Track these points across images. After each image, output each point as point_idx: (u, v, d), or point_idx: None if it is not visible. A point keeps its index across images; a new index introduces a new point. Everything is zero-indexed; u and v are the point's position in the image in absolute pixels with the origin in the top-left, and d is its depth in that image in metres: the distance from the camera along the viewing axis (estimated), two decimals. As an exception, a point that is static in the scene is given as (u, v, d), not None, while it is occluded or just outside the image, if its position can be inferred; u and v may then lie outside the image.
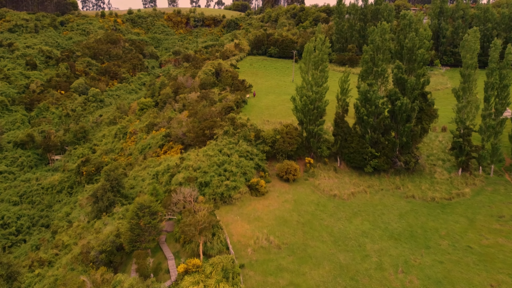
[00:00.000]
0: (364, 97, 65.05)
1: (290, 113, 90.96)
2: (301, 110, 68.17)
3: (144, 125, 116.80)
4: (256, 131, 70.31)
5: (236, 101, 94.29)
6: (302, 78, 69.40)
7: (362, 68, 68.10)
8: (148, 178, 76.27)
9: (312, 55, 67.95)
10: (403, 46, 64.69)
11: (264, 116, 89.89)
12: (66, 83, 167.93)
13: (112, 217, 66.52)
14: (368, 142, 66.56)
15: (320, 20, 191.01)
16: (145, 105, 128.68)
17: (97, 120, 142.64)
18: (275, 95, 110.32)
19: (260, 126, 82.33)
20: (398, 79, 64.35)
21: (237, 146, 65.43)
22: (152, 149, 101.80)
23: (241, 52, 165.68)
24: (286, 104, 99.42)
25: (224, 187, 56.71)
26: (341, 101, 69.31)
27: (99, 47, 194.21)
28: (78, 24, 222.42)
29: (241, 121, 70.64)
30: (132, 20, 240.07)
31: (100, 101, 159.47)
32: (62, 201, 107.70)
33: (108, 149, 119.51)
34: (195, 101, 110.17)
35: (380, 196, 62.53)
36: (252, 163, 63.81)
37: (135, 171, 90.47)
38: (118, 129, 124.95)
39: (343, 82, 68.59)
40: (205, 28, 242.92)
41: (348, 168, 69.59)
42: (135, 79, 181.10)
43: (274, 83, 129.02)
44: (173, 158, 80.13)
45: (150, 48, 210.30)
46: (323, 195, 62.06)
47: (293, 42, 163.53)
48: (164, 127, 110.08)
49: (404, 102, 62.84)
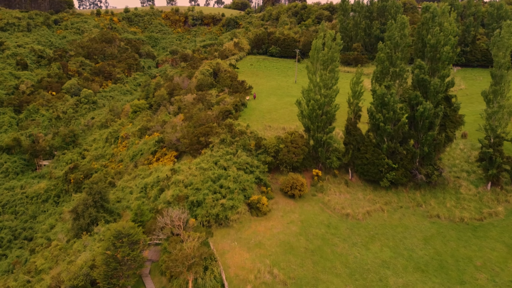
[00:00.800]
0: (381, 102, 56.46)
1: (294, 117, 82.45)
2: (308, 116, 59.61)
3: (136, 129, 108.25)
4: (257, 140, 61.75)
5: (235, 104, 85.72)
6: (309, 80, 60.83)
7: (377, 68, 59.50)
8: (136, 191, 67.72)
9: (321, 53, 59.34)
10: (426, 43, 56.08)
11: (266, 120, 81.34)
12: (58, 84, 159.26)
13: (93, 237, 58.09)
14: (385, 152, 58.00)
15: (323, 18, 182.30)
16: (139, 108, 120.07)
17: (88, 123, 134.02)
18: (277, 97, 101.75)
19: (261, 133, 73.79)
20: (420, 80, 55.75)
21: (235, 157, 56.83)
22: (144, 156, 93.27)
23: (240, 52, 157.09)
24: (289, 107, 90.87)
25: (220, 206, 48.12)
26: (353, 106, 60.74)
27: (93, 46, 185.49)
28: (72, 22, 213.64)
29: (239, 128, 62.05)
30: (129, 19, 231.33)
31: (93, 103, 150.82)
32: (47, 211, 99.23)
33: (99, 154, 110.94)
34: (191, 103, 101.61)
35: (400, 215, 53.95)
36: (252, 176, 55.23)
37: (124, 180, 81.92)
38: (109, 133, 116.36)
39: (355, 84, 59.99)
40: (204, 27, 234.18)
41: (361, 181, 61.01)
42: (130, 80, 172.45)
43: (275, 84, 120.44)
44: (164, 169, 71.61)
45: (147, 47, 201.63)
46: (334, 214, 53.46)
47: (295, 41, 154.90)
48: (158, 131, 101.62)
49: (427, 107, 54.26)
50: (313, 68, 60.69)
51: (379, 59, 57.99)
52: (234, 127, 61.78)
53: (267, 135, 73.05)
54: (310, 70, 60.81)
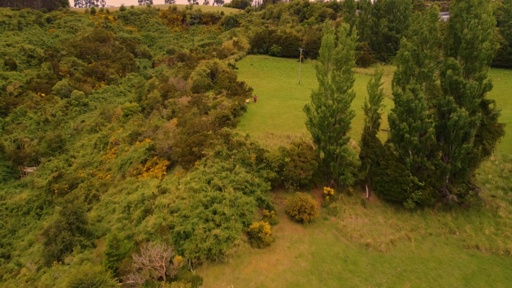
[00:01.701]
0: (407, 108, 46.99)
1: (299, 123, 73.05)
2: (318, 125, 50.12)
3: (127, 135, 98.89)
4: (258, 152, 52.31)
5: (233, 108, 76.29)
6: (319, 82, 51.35)
7: (398, 68, 50.04)
8: (119, 210, 58.29)
9: (334, 51, 49.87)
10: (460, 38, 46.68)
11: (268, 127, 71.93)
12: (48, 85, 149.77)
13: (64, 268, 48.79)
14: (409, 167, 48.59)
15: (326, 16, 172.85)
16: (130, 111, 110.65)
17: (77, 127, 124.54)
18: (280, 100, 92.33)
19: (262, 141, 64.39)
20: (452, 83, 46.30)
21: (233, 174, 47.36)
22: (133, 165, 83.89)
23: (240, 51, 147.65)
24: (293, 111, 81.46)
25: (213, 238, 38.68)
26: (371, 112, 51.34)
27: (86, 45, 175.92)
28: (65, 21, 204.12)
29: (238, 139, 52.46)
30: (125, 17, 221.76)
31: (84, 105, 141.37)
32: (28, 225, 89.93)
33: (86, 162, 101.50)
34: (185, 107, 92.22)
35: (430, 244, 44.53)
36: (253, 198, 45.78)
37: (109, 194, 72.51)
38: (98, 138, 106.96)
39: (374, 86, 50.58)
40: (202, 26, 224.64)
41: (380, 201, 51.58)
42: (124, 80, 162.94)
43: (277, 85, 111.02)
44: (151, 184, 62.21)
45: (143, 46, 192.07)
46: (351, 244, 44.05)
47: (298, 39, 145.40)
48: (150, 137, 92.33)
49: (462, 115, 44.83)
50: (323, 68, 51.24)
51: (402, 57, 48.50)
52: (231, 138, 52.25)
53: (270, 144, 63.68)
54: (320, 71, 51.36)
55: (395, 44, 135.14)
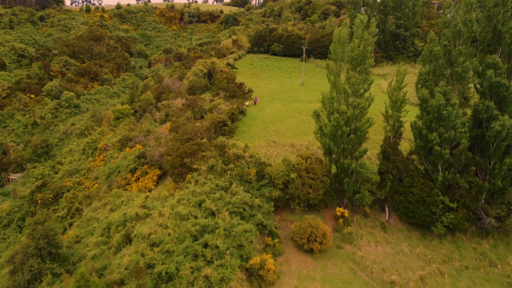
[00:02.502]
0: (437, 116, 38.95)
1: (305, 129, 65.07)
2: (329, 135, 42.05)
3: (117, 140, 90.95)
4: (259, 166, 44.31)
5: (231, 112, 68.26)
6: (330, 84, 43.31)
7: (425, 67, 42.02)
8: (98, 231, 50.30)
9: (348, 47, 41.83)
10: (500, 32, 38.67)
11: (269, 134, 63.88)
12: (38, 86, 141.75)
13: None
14: (439, 186, 40.60)
15: (329, 13, 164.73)
16: (122, 114, 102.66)
17: (66, 131, 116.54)
18: (282, 103, 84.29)
19: (263, 150, 56.45)
20: (493, 85, 38.29)
21: (229, 195, 39.31)
22: (121, 175, 76.02)
23: (239, 50, 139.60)
24: (297, 116, 73.45)
25: (203, 281, 30.65)
26: (392, 120, 43.34)
27: (79, 44, 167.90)
28: (59, 19, 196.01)
29: (235, 151, 44.30)
30: (121, 16, 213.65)
31: (75, 107, 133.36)
32: (8, 239, 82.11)
33: (73, 169, 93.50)
34: (180, 110, 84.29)
35: (468, 281, 36.51)
36: (252, 224, 37.74)
37: (92, 209, 64.51)
38: (86, 143, 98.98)
39: (396, 89, 42.60)
40: (201, 24, 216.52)
41: (402, 224, 43.57)
42: (118, 81, 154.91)
43: (279, 86, 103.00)
44: (137, 201, 54.10)
45: (139, 45, 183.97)
46: (372, 281, 36.05)
47: (300, 37, 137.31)
48: (141, 143, 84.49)
49: (506, 124, 36.83)
50: (336, 68, 43.17)
51: (431, 54, 40.40)
52: (227, 150, 44.13)
53: (272, 154, 55.70)
54: (332, 71, 43.29)
55: (403, 42, 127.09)
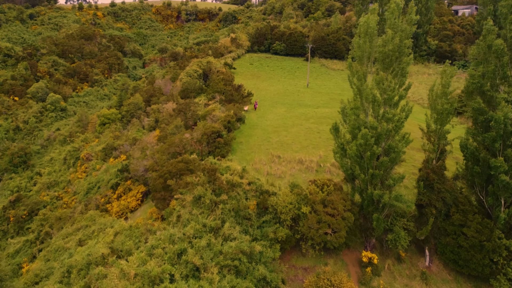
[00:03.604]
0: (502, 132, 28.40)
1: (315, 140, 54.58)
2: (354, 156, 31.40)
3: (100, 149, 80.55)
4: (260, 196, 33.78)
5: (227, 120, 57.74)
6: (353, 90, 32.74)
7: (482, 68, 31.43)
8: (57, 275, 39.76)
9: (380, 40, 31.31)
10: None
11: (272, 146, 53.35)
12: (23, 87, 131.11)
13: None
14: (502, 226, 30.10)
15: (334, 10, 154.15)
16: (108, 119, 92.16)
17: (50, 137, 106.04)
18: (286, 108, 73.80)
19: (265, 168, 46.13)
20: None
21: (219, 239, 28.69)
22: (101, 191, 65.67)
23: (238, 49, 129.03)
24: (303, 123, 62.91)
25: None
26: (436, 136, 32.80)
27: (69, 43, 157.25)
28: (50, 17, 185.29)
29: (229, 178, 33.56)
30: (115, 14, 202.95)
31: (61, 110, 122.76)
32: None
33: (52, 181, 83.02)
34: (170, 116, 73.83)
35: None
36: (251, 280, 27.20)
37: (63, 235, 54.01)
38: (68, 152, 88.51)
39: (441, 96, 32.08)
40: (199, 23, 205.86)
41: (448, 273, 33.00)
42: (110, 82, 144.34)
43: (282, 88, 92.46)
44: (112, 230, 43.60)
45: (132, 45, 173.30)
46: None
47: (303, 35, 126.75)
48: (127, 153, 74.17)
49: None
50: (361, 68, 32.60)
51: (492, 50, 29.84)
52: (219, 175, 33.42)
53: (277, 172, 45.36)
54: (356, 73, 32.71)
55: (415, 40, 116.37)
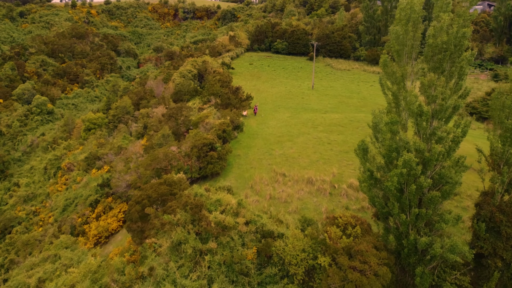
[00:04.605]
0: None
1: (326, 153, 45.69)
2: (393, 190, 22.46)
3: (83, 158, 71.75)
4: (262, 239, 24.91)
5: (223, 129, 48.84)
6: (388, 98, 23.81)
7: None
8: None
9: (430, 29, 22.39)
10: None
11: (276, 161, 44.45)
12: (8, 89, 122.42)
13: None
14: None
15: (338, 6, 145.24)
16: (94, 124, 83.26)
17: (33, 142, 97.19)
18: (290, 113, 64.95)
19: (268, 190, 37.50)
20: None
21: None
22: (79, 209, 56.90)
23: (237, 47, 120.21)
24: (312, 132, 53.99)
25: None
26: (502, 161, 23.90)
27: (60, 42, 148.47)
28: (41, 15, 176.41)
29: (219, 217, 24.52)
30: (110, 11, 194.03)
31: (48, 113, 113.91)
32: None
33: (30, 194, 74.20)
34: (159, 122, 65.05)
35: None
36: None
37: (27, 266, 45.06)
38: (49, 160, 79.68)
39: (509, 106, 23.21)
40: (196, 21, 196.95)
41: None
42: (101, 83, 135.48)
43: (284, 90, 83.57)
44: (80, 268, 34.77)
45: (127, 44, 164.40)
46: None
47: (307, 33, 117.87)
48: (111, 163, 65.60)
49: None
50: (401, 68, 23.66)
51: None
52: (206, 213, 24.34)
53: (282, 195, 36.65)
54: (393, 75, 23.75)
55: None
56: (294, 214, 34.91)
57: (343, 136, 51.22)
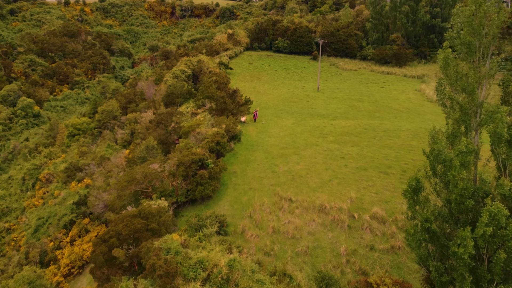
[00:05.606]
0: None
1: (340, 171, 37.47)
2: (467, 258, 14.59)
3: (63, 168, 63.85)
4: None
5: (216, 140, 40.83)
6: (456, 112, 15.74)
7: None
8: None
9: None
10: None
11: (279, 180, 36.43)
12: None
13: None
14: None
15: (342, 3, 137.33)
16: (78, 129, 75.24)
17: (15, 148, 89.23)
18: (295, 118, 56.93)
19: (271, 221, 29.77)
20: None
21: None
22: (52, 231, 49.09)
23: (236, 46, 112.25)
24: (321, 143, 45.94)
25: None
26: None
27: (50, 41, 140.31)
28: (32, 13, 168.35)
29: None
30: (104, 9, 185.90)
31: (34, 116, 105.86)
32: None
33: (5, 208, 66.33)
34: (147, 129, 57.09)
35: None
36: None
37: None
38: (27, 170, 71.75)
39: None
40: (194, 19, 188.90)
41: None
42: (93, 84, 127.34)
43: (287, 92, 75.54)
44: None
45: (121, 42, 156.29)
46: None
47: (310, 31, 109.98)
48: (93, 175, 57.72)
49: None
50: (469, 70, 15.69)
51: None
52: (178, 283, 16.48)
53: (288, 229, 29.07)
54: (460, 79, 15.81)
55: (439, 36, 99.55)
56: (304, 256, 27.07)
57: (358, 148, 43.28)
